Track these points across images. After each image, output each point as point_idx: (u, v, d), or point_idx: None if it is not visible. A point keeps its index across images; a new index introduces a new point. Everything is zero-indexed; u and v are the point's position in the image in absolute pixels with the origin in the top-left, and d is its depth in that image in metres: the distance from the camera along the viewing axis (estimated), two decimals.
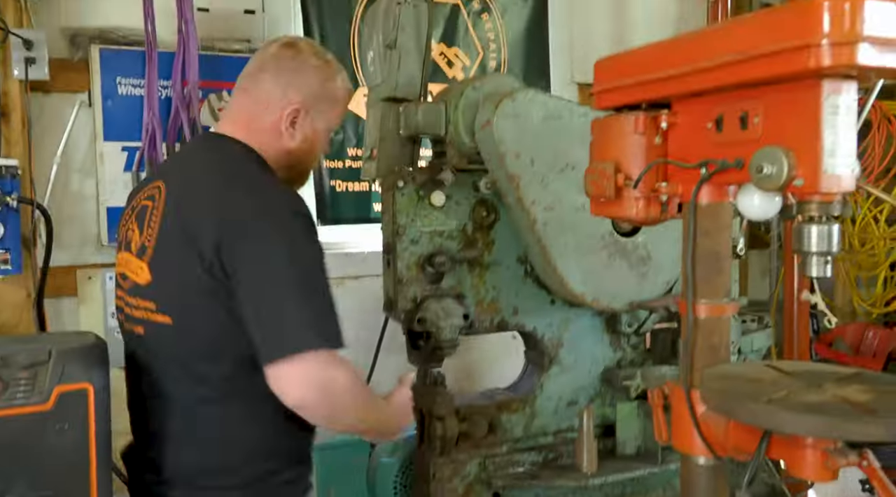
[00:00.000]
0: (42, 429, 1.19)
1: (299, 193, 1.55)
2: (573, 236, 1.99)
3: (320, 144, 1.70)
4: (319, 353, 1.34)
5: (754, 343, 2.42)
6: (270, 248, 1.34)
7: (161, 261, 1.41)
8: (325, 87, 1.64)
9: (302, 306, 1.33)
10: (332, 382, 1.37)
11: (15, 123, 2.21)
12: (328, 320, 1.37)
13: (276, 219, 1.38)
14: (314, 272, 1.39)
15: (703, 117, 1.20)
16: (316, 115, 1.64)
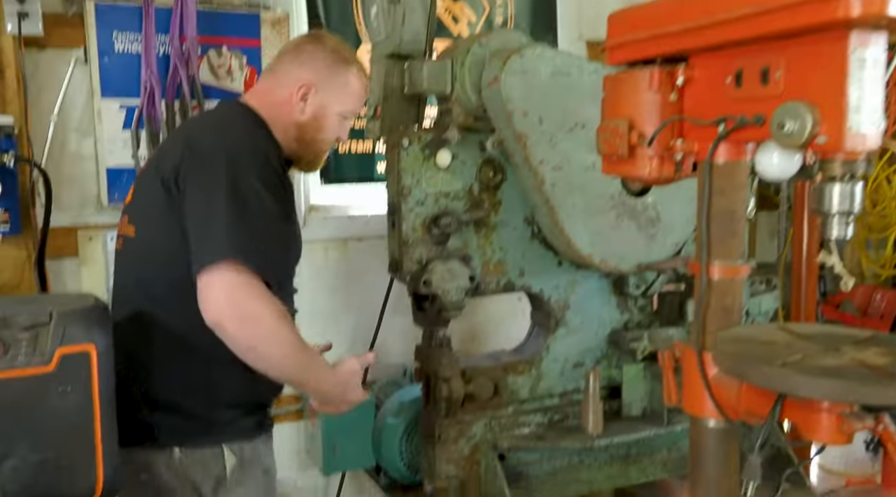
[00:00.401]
0: (44, 391, 1.18)
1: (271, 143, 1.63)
2: (581, 197, 1.95)
3: (331, 125, 1.77)
4: (237, 268, 1.39)
5: (762, 305, 2.39)
6: (217, 175, 1.44)
7: (139, 185, 1.63)
8: (338, 71, 1.76)
9: (228, 226, 1.41)
10: (245, 299, 1.40)
11: (10, 80, 2.15)
12: (253, 244, 1.42)
13: (231, 152, 1.49)
14: (251, 203, 1.45)
15: (721, 72, 1.15)
16: (326, 96, 1.74)
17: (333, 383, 1.67)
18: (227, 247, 1.39)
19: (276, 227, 1.51)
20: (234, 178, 1.45)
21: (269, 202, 1.48)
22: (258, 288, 1.42)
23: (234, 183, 1.44)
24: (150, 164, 1.65)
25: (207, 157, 1.48)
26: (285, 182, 1.62)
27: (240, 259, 1.39)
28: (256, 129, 1.63)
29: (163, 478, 1.55)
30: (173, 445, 1.55)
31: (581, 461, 2.21)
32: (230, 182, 1.44)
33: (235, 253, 1.39)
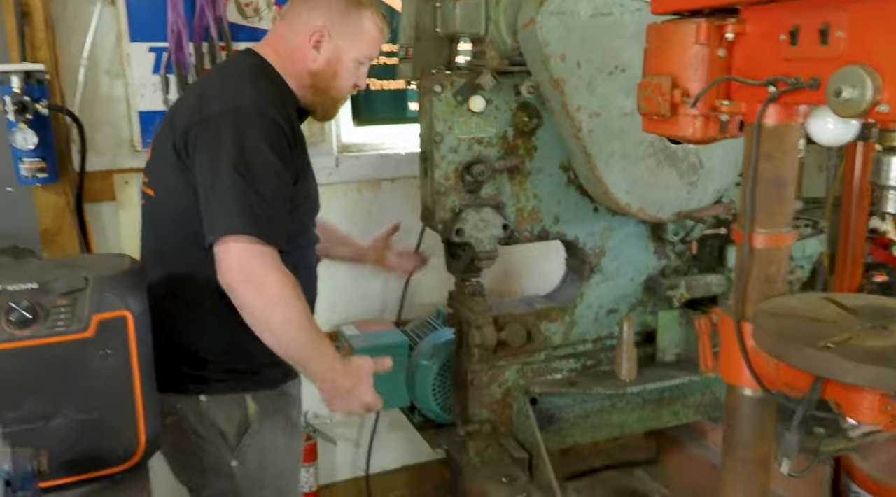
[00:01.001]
0: (85, 355, 1.21)
1: (281, 102, 1.60)
2: (620, 144, 1.88)
3: (346, 72, 1.72)
4: (248, 239, 1.42)
5: (807, 248, 2.32)
6: (222, 140, 1.45)
7: (157, 143, 1.65)
8: (351, 15, 1.69)
9: (236, 197, 1.42)
10: (255, 266, 1.42)
11: (38, 24, 2.11)
12: (262, 213, 1.44)
13: (237, 116, 1.48)
14: (257, 168, 1.45)
15: (775, 27, 1.07)
16: (341, 41, 1.68)
17: (343, 373, 1.59)
18: (237, 220, 1.41)
19: (283, 190, 1.51)
20: (239, 142, 1.45)
21: (275, 164, 1.48)
22: (268, 257, 1.44)
23: (238, 146, 1.44)
24: (165, 122, 1.65)
25: (213, 121, 1.48)
26: (296, 137, 1.60)
27: (250, 232, 1.41)
28: (266, 86, 1.61)
29: (190, 421, 1.63)
30: (198, 393, 1.62)
31: (613, 404, 2.23)
32: (235, 146, 1.44)
33: (245, 226, 1.41)
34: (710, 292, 2.21)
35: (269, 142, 1.48)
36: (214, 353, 1.61)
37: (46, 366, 1.19)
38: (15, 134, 2.03)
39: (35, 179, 2.11)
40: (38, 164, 2.08)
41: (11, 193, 2.26)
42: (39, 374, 1.19)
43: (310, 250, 1.78)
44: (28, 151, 2.06)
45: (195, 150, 1.49)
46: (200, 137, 1.48)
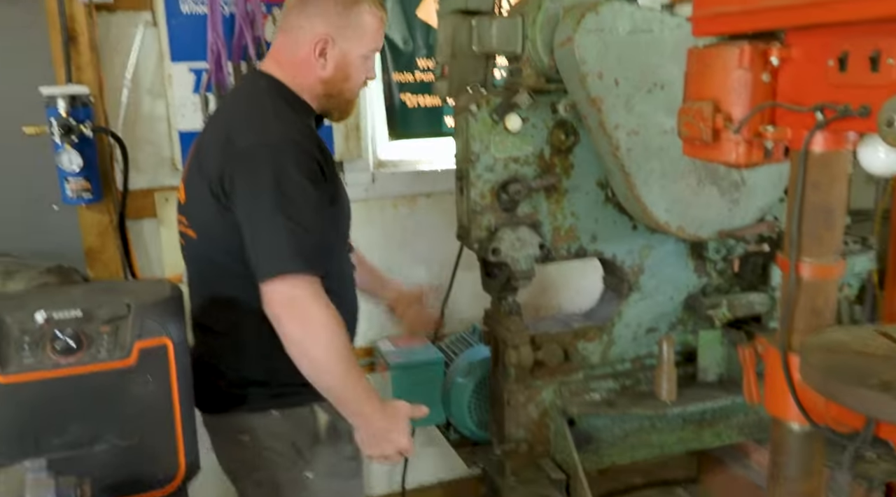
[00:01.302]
0: (127, 382, 1.23)
1: (306, 127, 1.62)
2: (659, 162, 1.85)
3: (356, 71, 1.70)
4: (296, 276, 1.45)
5: (855, 265, 2.26)
6: (259, 177, 1.47)
7: (189, 184, 1.64)
8: (350, 14, 1.66)
9: (280, 234, 1.45)
10: (300, 300, 1.46)
11: (83, 48, 2.17)
12: (307, 247, 1.46)
13: (268, 149, 1.49)
14: (297, 201, 1.47)
15: (822, 53, 1.03)
16: (345, 43, 1.66)
17: (380, 412, 1.59)
18: (285, 258, 1.44)
19: (321, 216, 1.53)
20: (276, 177, 1.46)
21: (313, 194, 1.50)
22: (314, 288, 1.47)
23: (276, 182, 1.46)
24: (193, 159, 1.65)
25: (246, 159, 1.50)
26: (325, 157, 1.61)
27: (297, 268, 1.45)
28: (287, 112, 1.61)
29: (262, 438, 1.65)
30: (270, 409, 1.64)
31: (652, 425, 2.19)
32: (273, 183, 1.46)
33: (292, 264, 1.44)
34: (754, 311, 2.15)
35: (304, 173, 1.49)
36: (282, 371, 1.59)
37: (89, 393, 1.21)
38: (61, 155, 2.08)
39: (80, 200, 2.16)
40: (83, 184, 2.13)
41: (57, 213, 2.32)
42: (82, 401, 1.21)
43: (347, 257, 1.80)
44: (73, 172, 2.11)
45: (233, 191, 1.51)
46: (237, 178, 1.50)
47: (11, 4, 2.23)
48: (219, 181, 1.52)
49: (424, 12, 2.73)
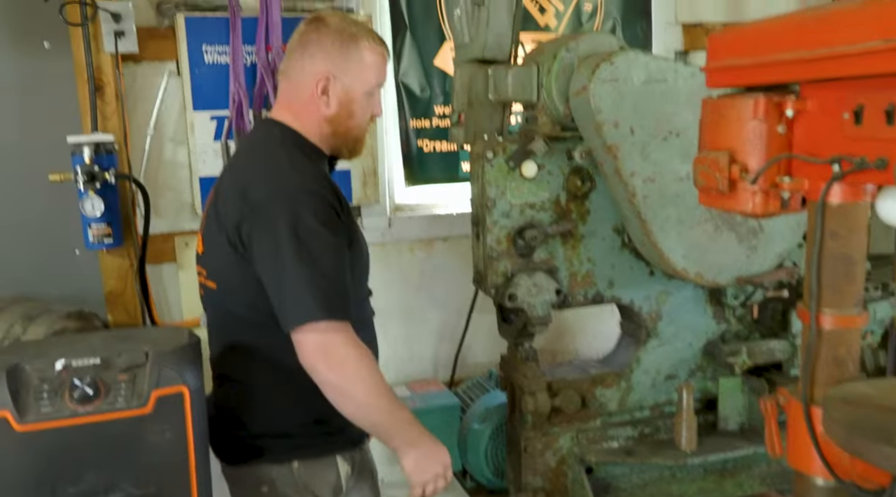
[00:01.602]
0: (143, 430, 1.23)
1: (321, 173, 1.61)
2: (675, 209, 1.85)
3: (360, 108, 1.67)
4: (323, 325, 1.45)
5: (877, 312, 2.23)
6: (277, 227, 1.47)
7: (207, 235, 1.64)
8: (349, 50, 1.64)
9: (303, 284, 1.45)
10: (334, 347, 1.46)
11: (109, 97, 2.23)
12: (330, 295, 1.47)
13: (285, 200, 1.50)
14: (316, 250, 1.47)
15: (838, 106, 1.04)
16: (346, 80, 1.64)
17: (426, 436, 1.58)
18: (310, 308, 1.44)
19: (343, 261, 1.53)
20: (293, 227, 1.47)
21: (331, 241, 1.50)
22: (344, 334, 1.47)
23: (294, 233, 1.46)
24: (211, 209, 1.65)
25: (263, 210, 1.50)
26: (341, 202, 1.59)
27: (323, 317, 1.45)
28: (300, 159, 1.60)
29: (282, 489, 1.61)
30: (291, 460, 1.61)
31: (672, 475, 2.14)
32: (291, 233, 1.46)
33: (318, 313, 1.44)
34: (774, 358, 2.12)
35: (322, 220, 1.49)
36: (302, 422, 1.60)
37: (106, 441, 1.21)
38: (84, 202, 2.12)
39: (101, 245, 2.19)
40: (104, 229, 2.16)
41: (78, 257, 2.36)
42: (99, 449, 1.21)
43: (367, 303, 1.79)
44: (95, 218, 2.15)
45: (251, 242, 1.51)
46: (255, 229, 1.50)
47: (41, 57, 2.30)
48: (236, 232, 1.52)
49: (441, 60, 2.78)
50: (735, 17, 3.04)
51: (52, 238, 2.38)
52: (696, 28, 3.02)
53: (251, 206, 1.51)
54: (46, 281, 2.36)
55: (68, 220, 2.27)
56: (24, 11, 2.28)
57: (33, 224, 2.36)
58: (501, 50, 2.03)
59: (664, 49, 3.01)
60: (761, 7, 3.04)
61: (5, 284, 2.30)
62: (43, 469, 1.21)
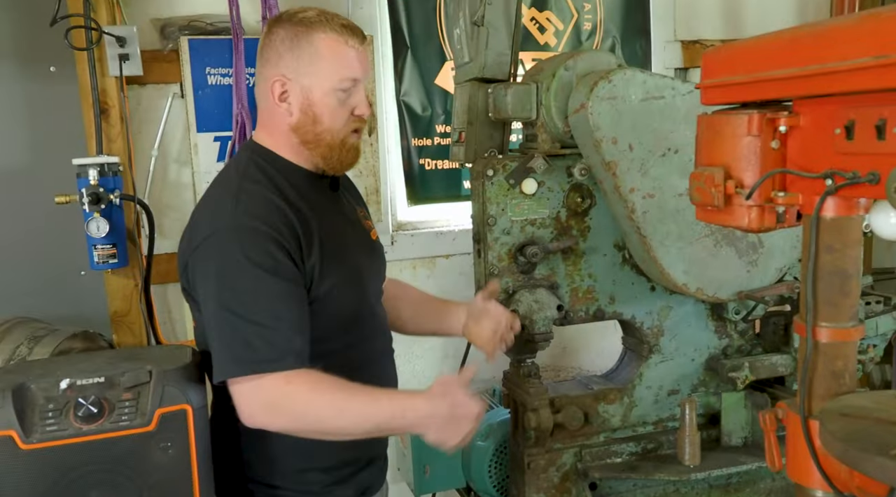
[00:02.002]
0: (147, 448, 1.24)
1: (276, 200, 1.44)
2: (675, 224, 1.87)
3: (327, 110, 1.47)
4: (245, 379, 1.32)
5: (879, 327, 2.23)
6: (206, 274, 1.37)
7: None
8: (301, 45, 1.44)
9: (224, 335, 1.33)
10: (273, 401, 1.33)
11: (114, 120, 2.27)
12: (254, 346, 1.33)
13: (215, 240, 1.38)
14: (241, 293, 1.34)
15: (829, 121, 1.05)
16: (303, 80, 1.45)
17: (431, 405, 1.42)
18: (234, 363, 1.33)
19: (283, 302, 1.37)
20: (220, 273, 1.35)
21: (264, 279, 1.35)
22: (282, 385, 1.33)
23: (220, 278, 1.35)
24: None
25: (200, 253, 1.39)
26: (300, 229, 1.43)
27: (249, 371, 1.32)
28: (256, 183, 1.45)
29: None
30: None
31: (676, 490, 2.13)
32: (218, 279, 1.36)
33: (243, 368, 1.33)
34: (776, 373, 2.12)
35: (252, 257, 1.34)
36: (281, 474, 1.49)
37: (110, 459, 1.23)
38: (89, 224, 2.15)
39: (106, 265, 2.21)
40: (109, 250, 2.19)
41: (83, 278, 2.38)
42: (104, 467, 1.22)
43: (368, 344, 1.61)
44: (100, 239, 2.17)
45: (195, 288, 1.41)
46: (194, 276, 1.41)
47: (47, 81, 2.34)
48: (184, 275, 1.44)
49: (442, 80, 2.82)
50: (733, 35, 3.07)
51: (57, 259, 2.41)
52: (695, 45, 3.06)
53: (193, 248, 1.41)
54: (52, 302, 2.39)
55: (74, 241, 2.30)
56: (30, 37, 2.32)
57: (39, 245, 2.39)
58: (501, 69, 2.05)
59: (663, 66, 3.04)
60: (758, 24, 3.07)
61: (11, 305, 2.32)
62: (48, 487, 1.22)
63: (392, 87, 2.78)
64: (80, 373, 1.26)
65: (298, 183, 1.51)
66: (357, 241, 1.64)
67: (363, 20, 2.64)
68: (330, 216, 1.53)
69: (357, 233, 1.67)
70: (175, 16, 2.38)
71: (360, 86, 1.51)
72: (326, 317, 1.46)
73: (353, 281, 1.55)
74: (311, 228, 1.45)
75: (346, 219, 1.63)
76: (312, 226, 1.45)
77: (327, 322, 1.46)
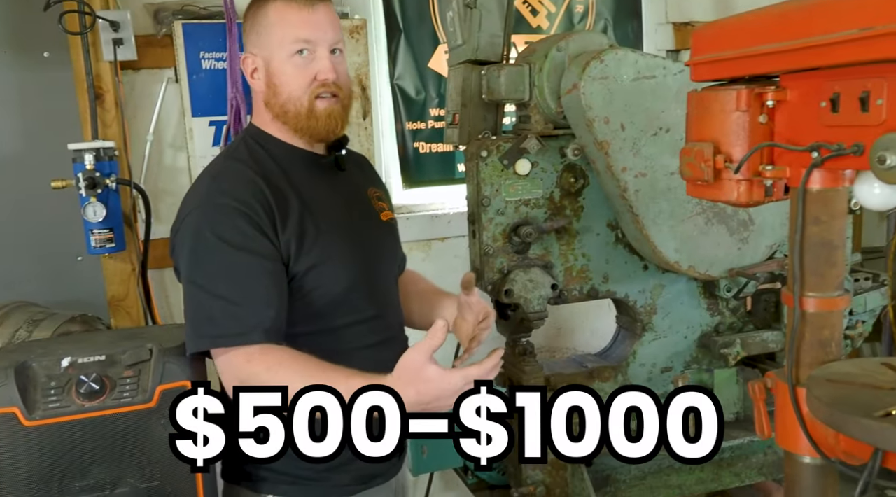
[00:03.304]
0: (148, 424, 1.26)
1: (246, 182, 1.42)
2: (667, 203, 1.89)
3: (287, 76, 1.45)
4: (217, 354, 1.32)
5: (868, 303, 2.26)
6: (182, 250, 1.41)
7: None
8: (256, 20, 1.48)
9: (190, 306, 1.35)
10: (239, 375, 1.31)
11: (109, 105, 2.27)
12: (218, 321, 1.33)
13: (189, 218, 1.40)
14: (210, 268, 1.35)
15: (815, 95, 1.07)
16: (263, 52, 1.47)
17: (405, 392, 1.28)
18: (199, 337, 1.33)
19: (252, 276, 1.36)
20: (192, 249, 1.38)
21: (232, 255, 1.35)
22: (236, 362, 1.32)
23: (191, 255, 1.37)
24: None
25: (178, 235, 1.44)
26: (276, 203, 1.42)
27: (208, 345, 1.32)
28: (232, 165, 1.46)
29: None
30: (268, 493, 1.50)
31: (671, 465, 2.17)
32: (189, 255, 1.38)
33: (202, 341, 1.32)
34: (767, 349, 2.16)
35: (220, 233, 1.35)
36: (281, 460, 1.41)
37: (113, 435, 1.25)
38: (86, 208, 2.16)
39: (104, 249, 2.22)
40: (106, 234, 2.20)
41: (81, 262, 2.39)
42: (106, 443, 1.24)
43: (359, 327, 1.55)
44: (97, 223, 2.18)
45: (176, 266, 1.46)
46: (176, 255, 1.44)
47: (41, 67, 2.35)
48: (172, 253, 1.47)
49: (436, 63, 2.83)
50: (724, 16, 3.07)
51: (54, 244, 2.42)
52: (687, 27, 3.07)
53: (175, 229, 1.45)
54: (50, 287, 2.40)
55: (70, 226, 2.30)
56: (23, 22, 2.32)
57: (36, 231, 2.40)
58: (494, 51, 2.07)
59: (655, 48, 3.05)
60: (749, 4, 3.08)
61: (9, 291, 2.33)
62: (51, 463, 1.24)
63: (386, 71, 2.79)
64: (82, 351, 1.28)
65: (287, 161, 1.51)
66: (357, 222, 1.61)
67: (356, 4, 2.64)
68: (320, 195, 1.52)
69: (360, 212, 1.64)
70: (168, 0, 2.38)
71: (321, 49, 1.47)
72: (307, 294, 1.45)
73: (342, 261, 1.51)
74: (288, 205, 1.44)
75: (346, 198, 1.60)
76: (291, 202, 1.45)
77: (308, 300, 1.45)
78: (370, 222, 1.67)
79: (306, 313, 1.45)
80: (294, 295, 1.43)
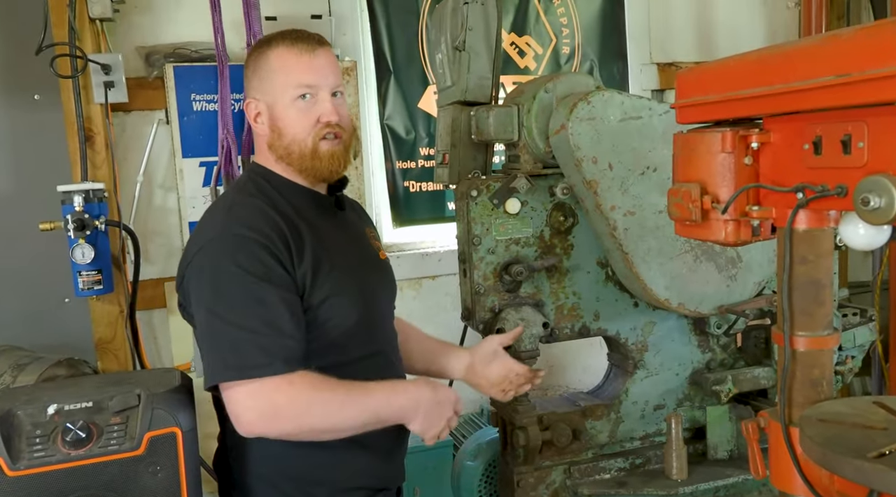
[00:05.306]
0: (136, 472, 1.24)
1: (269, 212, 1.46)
2: (655, 241, 1.90)
3: (291, 119, 1.50)
4: (236, 385, 1.32)
5: (857, 338, 2.27)
6: (198, 284, 1.40)
7: None
8: (258, 66, 1.53)
9: (214, 341, 1.35)
10: (266, 407, 1.33)
11: (99, 147, 2.28)
12: (243, 351, 1.33)
13: (205, 252, 1.41)
14: (231, 300, 1.36)
15: (798, 137, 1.10)
16: (266, 97, 1.52)
17: (415, 387, 1.49)
18: (218, 368, 1.33)
19: (275, 311, 1.37)
20: (210, 281, 1.37)
21: (254, 285, 1.36)
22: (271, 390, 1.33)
23: (211, 286, 1.37)
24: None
25: (193, 268, 1.42)
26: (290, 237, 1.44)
27: (233, 377, 1.32)
28: (251, 198, 1.49)
29: None
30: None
31: None
32: (208, 286, 1.37)
33: (226, 373, 1.33)
34: (759, 386, 2.15)
35: (242, 264, 1.36)
36: (290, 478, 1.48)
37: (100, 485, 1.23)
38: (74, 250, 2.15)
39: (91, 291, 2.21)
40: (94, 276, 2.19)
41: (68, 305, 2.38)
42: (93, 492, 1.22)
43: (372, 360, 1.59)
44: (85, 265, 2.17)
45: (190, 304, 1.43)
46: (188, 288, 1.42)
47: (32, 109, 2.36)
48: (181, 288, 1.46)
49: (425, 103, 2.86)
50: (707, 57, 3.15)
51: (41, 287, 2.41)
52: (670, 67, 3.13)
53: (187, 262, 1.44)
54: (36, 330, 2.38)
55: (58, 268, 2.30)
56: (15, 65, 2.34)
57: (23, 273, 2.39)
58: (483, 92, 2.10)
59: (640, 88, 3.11)
60: (730, 46, 3.15)
61: None
62: None
63: (376, 111, 2.82)
64: (68, 398, 1.26)
65: (295, 198, 1.54)
66: (361, 259, 1.66)
67: (346, 46, 2.68)
68: (326, 231, 1.55)
69: (362, 251, 1.69)
70: (160, 43, 2.41)
71: (322, 93, 1.52)
72: (320, 327, 1.47)
73: (351, 295, 1.54)
74: (302, 238, 1.47)
75: (349, 236, 1.65)
76: (304, 236, 1.48)
77: (321, 333, 1.47)
78: (371, 260, 1.75)
79: (319, 345, 1.48)
80: (307, 327, 1.45)
